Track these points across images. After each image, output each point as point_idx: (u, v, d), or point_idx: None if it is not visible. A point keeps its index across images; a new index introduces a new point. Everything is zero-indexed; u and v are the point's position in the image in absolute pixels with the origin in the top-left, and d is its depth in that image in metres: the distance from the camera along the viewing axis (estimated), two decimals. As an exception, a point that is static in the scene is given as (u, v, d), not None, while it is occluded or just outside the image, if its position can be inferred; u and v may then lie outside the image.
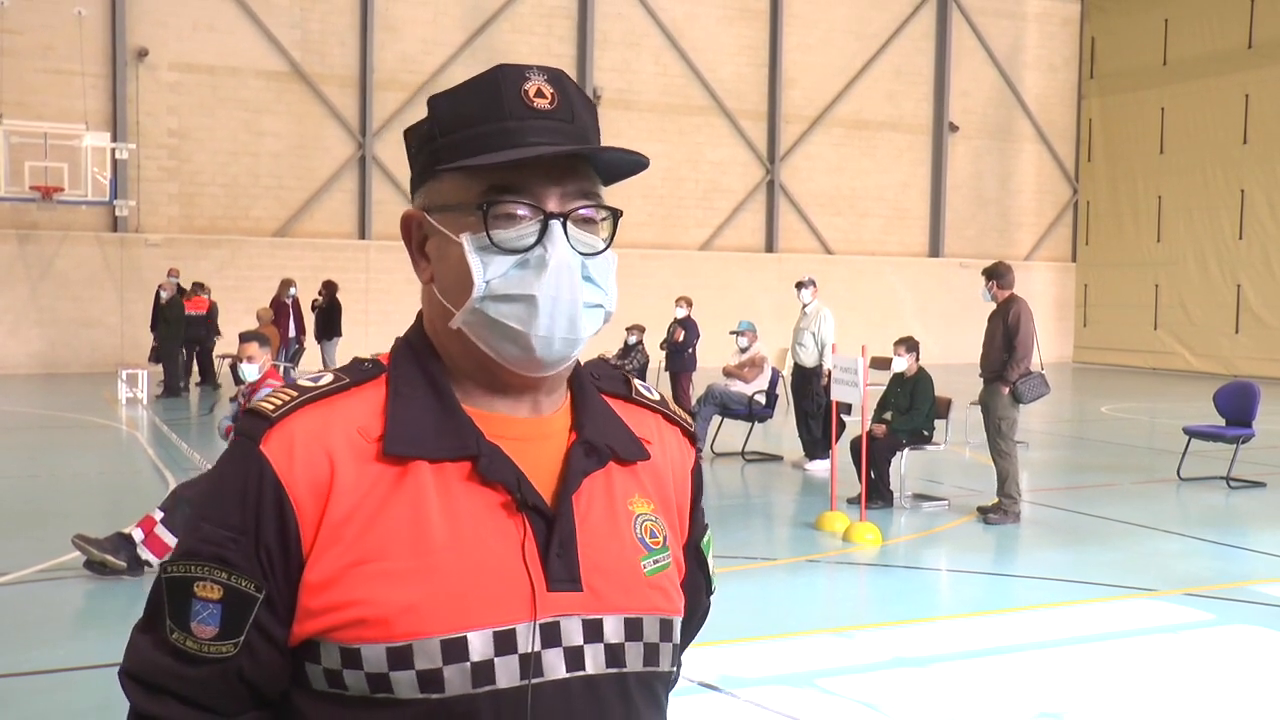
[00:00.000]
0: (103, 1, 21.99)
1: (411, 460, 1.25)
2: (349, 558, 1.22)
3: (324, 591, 1.22)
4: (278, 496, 1.23)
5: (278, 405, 1.28)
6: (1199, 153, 26.89)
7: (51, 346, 21.93)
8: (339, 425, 1.26)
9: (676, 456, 1.46)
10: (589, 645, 1.26)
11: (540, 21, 25.20)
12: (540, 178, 1.28)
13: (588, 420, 1.35)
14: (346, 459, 1.24)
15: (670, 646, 1.34)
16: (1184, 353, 27.40)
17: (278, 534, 1.23)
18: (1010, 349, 9.41)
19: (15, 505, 9.75)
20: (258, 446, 1.25)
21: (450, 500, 1.25)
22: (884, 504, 9.87)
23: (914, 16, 28.74)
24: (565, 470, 1.31)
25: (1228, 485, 11.23)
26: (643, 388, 1.49)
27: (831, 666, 5.91)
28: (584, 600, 1.26)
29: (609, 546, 1.31)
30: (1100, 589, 7.49)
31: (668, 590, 1.35)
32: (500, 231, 1.26)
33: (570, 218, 1.29)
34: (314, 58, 23.64)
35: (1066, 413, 18.83)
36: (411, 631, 1.20)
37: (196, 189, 22.95)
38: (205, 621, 1.23)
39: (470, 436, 1.27)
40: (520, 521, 1.26)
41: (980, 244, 29.75)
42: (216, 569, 1.23)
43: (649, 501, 1.38)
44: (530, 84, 1.29)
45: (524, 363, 1.29)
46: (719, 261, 26.70)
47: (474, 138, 1.27)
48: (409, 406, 1.28)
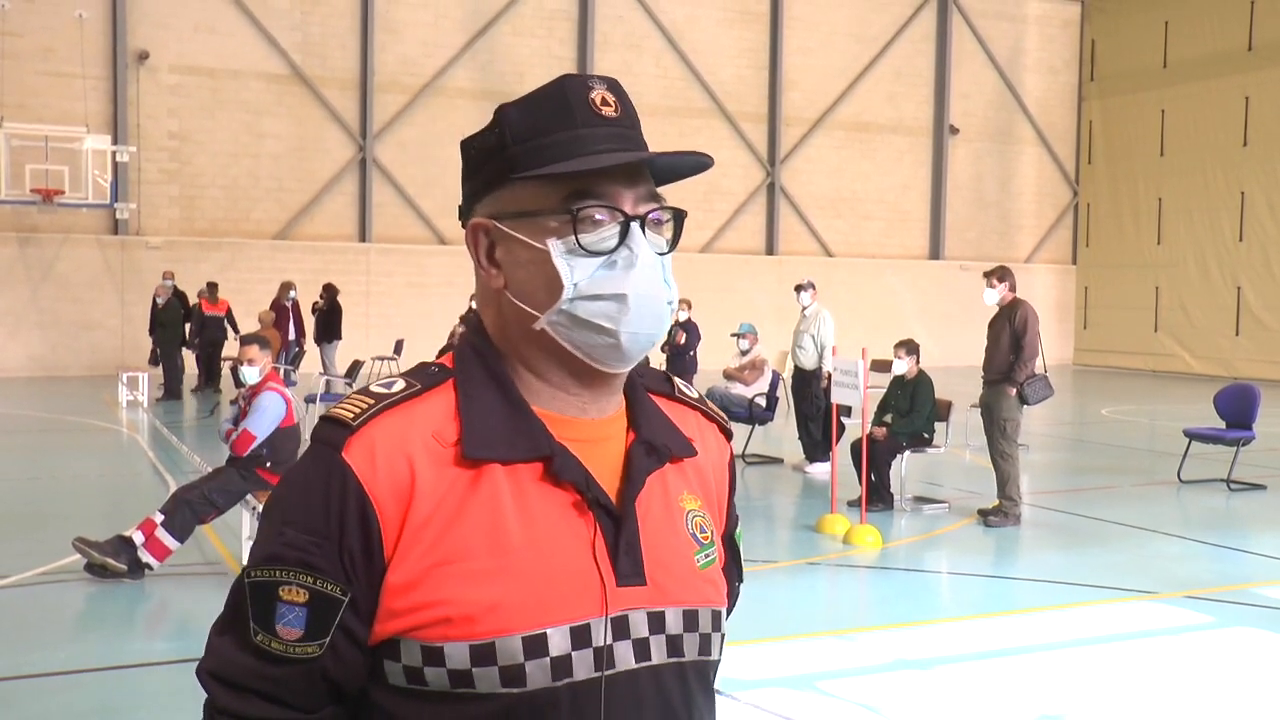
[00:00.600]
0: (103, 4, 22.01)
1: (487, 462, 1.30)
2: (431, 559, 1.26)
3: (407, 593, 1.26)
4: (361, 503, 1.27)
5: (358, 412, 1.31)
6: (1199, 155, 26.90)
7: (52, 349, 21.94)
8: (416, 431, 1.30)
9: (715, 453, 1.53)
10: (653, 637, 1.32)
11: (541, 24, 25.22)
12: (617, 183, 1.33)
13: (644, 421, 1.41)
14: (425, 463, 1.29)
15: (720, 636, 1.41)
16: (1184, 355, 27.40)
17: (361, 539, 1.27)
18: (1017, 351, 9.40)
19: (16, 508, 9.75)
20: (340, 454, 1.28)
21: (525, 501, 1.30)
22: (884, 506, 9.87)
23: (914, 19, 28.76)
24: (628, 469, 1.36)
25: (1228, 488, 11.23)
26: (684, 386, 1.54)
27: (832, 669, 5.91)
28: (648, 594, 1.32)
29: (668, 542, 1.37)
30: (1100, 591, 7.49)
31: (717, 583, 1.42)
32: (586, 235, 1.32)
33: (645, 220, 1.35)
34: (314, 60, 23.65)
35: (1067, 415, 18.83)
36: (495, 629, 1.25)
37: (197, 191, 22.96)
38: (291, 624, 1.28)
39: (542, 438, 1.32)
40: (590, 520, 1.31)
41: (981, 246, 29.76)
42: (302, 573, 1.27)
43: (697, 498, 1.44)
44: (595, 93, 1.36)
45: (610, 358, 1.34)
46: (719, 264, 26.71)
47: (551, 145, 1.32)
48: (481, 409, 1.33)
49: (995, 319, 9.67)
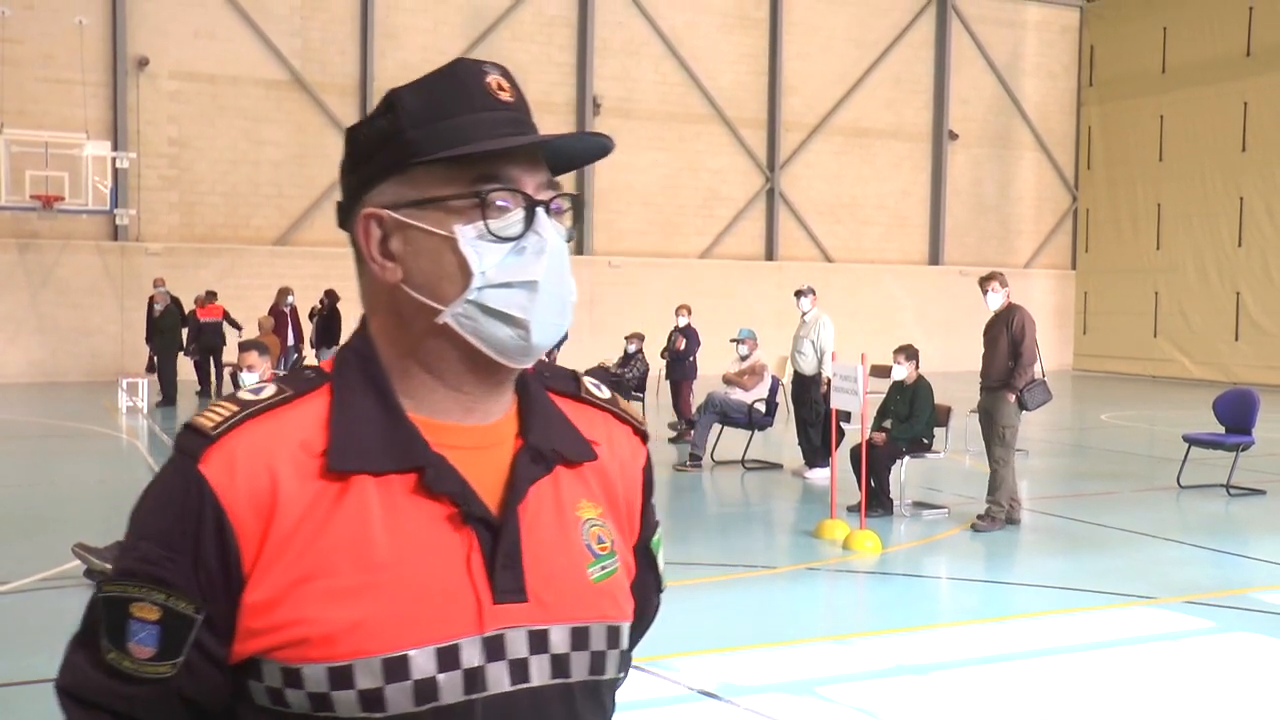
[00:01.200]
0: (103, 10, 22.04)
1: (355, 474, 1.22)
2: (292, 575, 1.19)
3: (267, 611, 1.19)
4: (218, 517, 1.19)
5: (218, 421, 1.23)
6: (1198, 160, 26.92)
7: (52, 355, 21.93)
8: (282, 440, 1.23)
9: (627, 456, 1.43)
10: (534, 657, 1.25)
11: (541, 30, 25.25)
12: (520, 168, 1.27)
13: (534, 424, 1.33)
14: (289, 475, 1.21)
15: (617, 653, 1.32)
16: (1183, 360, 27.41)
17: (218, 555, 1.20)
18: (1016, 357, 9.41)
19: (16, 514, 9.75)
20: (196, 465, 1.21)
21: (395, 514, 1.22)
22: (884, 512, 9.87)
23: (913, 25, 28.79)
24: (511, 478, 1.28)
25: (1227, 493, 11.23)
26: (592, 385, 1.46)
27: (831, 674, 5.91)
28: (530, 611, 1.24)
29: (556, 555, 1.28)
30: (1100, 597, 7.48)
31: (616, 597, 1.33)
32: (495, 220, 1.25)
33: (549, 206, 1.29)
34: (314, 66, 23.68)
35: (1066, 420, 18.83)
36: (354, 650, 1.17)
37: (197, 198, 22.97)
38: (143, 642, 1.21)
39: (417, 447, 1.24)
40: (466, 534, 1.23)
41: (980, 252, 29.77)
42: (154, 590, 1.21)
43: (596, 505, 1.35)
44: (491, 77, 1.29)
45: (517, 350, 1.27)
46: (719, 270, 26.72)
47: (454, 129, 1.26)
48: (353, 418, 1.25)
49: (991, 325, 9.68)
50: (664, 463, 13.08)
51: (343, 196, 1.34)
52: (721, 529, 9.70)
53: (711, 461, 12.69)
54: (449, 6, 24.53)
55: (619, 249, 26.00)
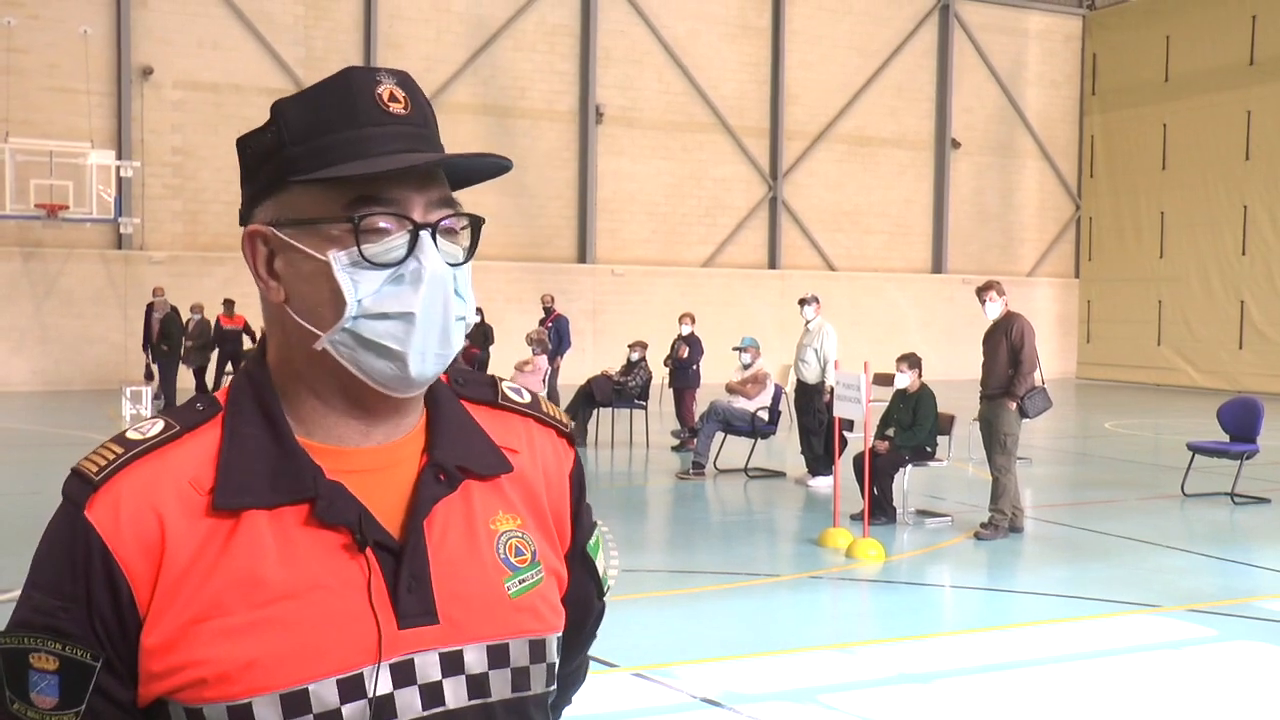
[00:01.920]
0: (108, 20, 22.10)
1: (245, 509, 1.19)
2: (185, 616, 1.17)
3: (164, 654, 1.17)
4: (106, 563, 1.17)
5: (102, 465, 1.21)
6: (1201, 168, 26.93)
7: (56, 364, 21.97)
8: (168, 480, 1.20)
9: (551, 461, 1.39)
10: (449, 679, 1.21)
11: (543, 39, 25.30)
12: (407, 188, 1.21)
13: (440, 440, 1.28)
14: (177, 516, 1.18)
15: (544, 667, 1.29)
16: (1187, 368, 27.38)
17: (110, 601, 1.17)
18: (1015, 365, 9.42)
19: (18, 522, 9.75)
20: (83, 512, 1.19)
21: (289, 547, 1.19)
22: (887, 520, 9.86)
23: (916, 33, 28.83)
24: (414, 499, 1.24)
25: (1232, 501, 11.22)
26: (510, 390, 1.41)
27: (834, 683, 5.90)
28: (441, 633, 1.21)
29: (467, 573, 1.24)
30: (1103, 605, 7.48)
31: (538, 609, 1.29)
32: (371, 246, 1.19)
33: (436, 228, 1.22)
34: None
35: (1070, 429, 18.82)
36: (250, 688, 1.15)
37: (200, 206, 23.01)
38: (44, 692, 1.18)
39: (307, 477, 1.21)
40: (365, 561, 1.20)
41: (983, 260, 29.77)
42: (50, 640, 1.18)
43: (515, 516, 1.31)
44: (383, 88, 1.22)
45: (396, 382, 1.22)
46: (722, 278, 26.73)
47: (332, 146, 1.20)
48: (242, 451, 1.21)
49: (990, 333, 9.68)
50: (667, 471, 13.07)
51: (241, 207, 1.31)
52: (724, 537, 9.69)
53: (714, 470, 12.68)
54: (451, 16, 24.58)
55: (622, 257, 26.01)
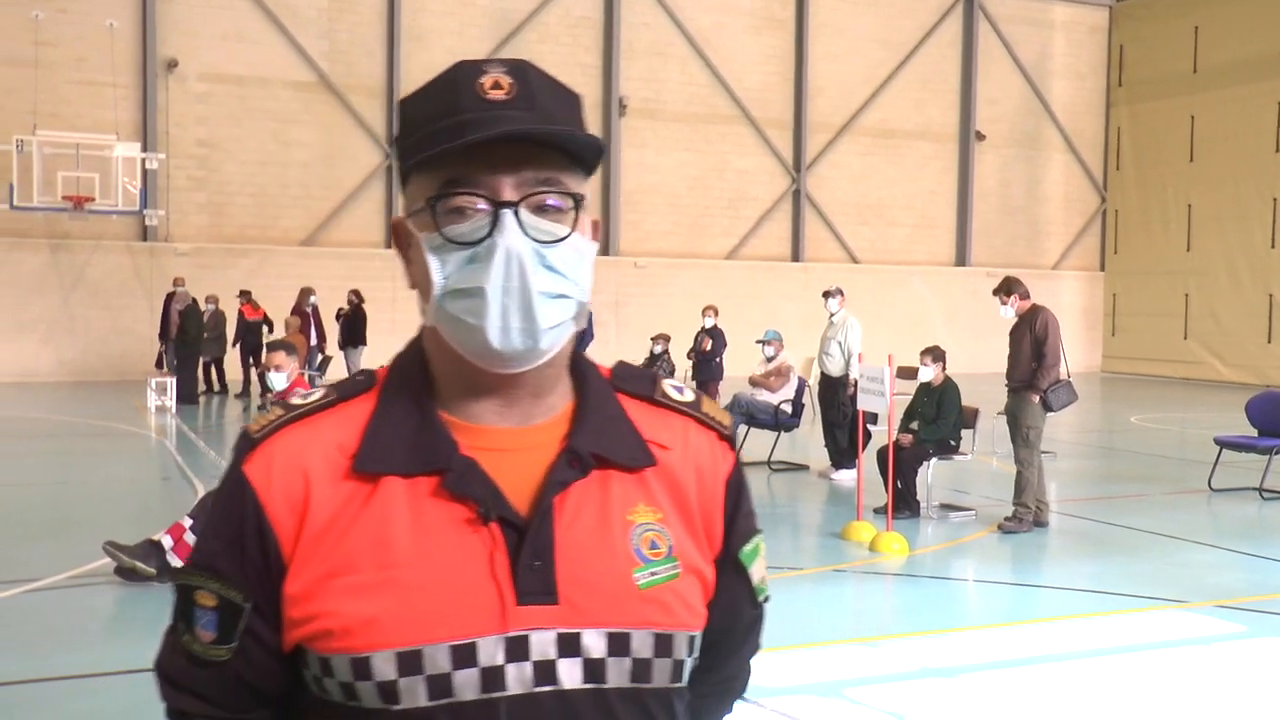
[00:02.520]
0: (134, 13, 22.21)
1: (384, 476, 1.26)
2: (321, 570, 1.25)
3: (302, 603, 1.26)
4: (257, 515, 1.27)
5: (263, 426, 1.32)
6: (1230, 161, 26.71)
7: (83, 355, 22.12)
8: (318, 443, 1.29)
9: (707, 462, 1.39)
10: (564, 660, 1.24)
11: (566, 31, 25.28)
12: (494, 168, 1.24)
13: (582, 428, 1.31)
14: (322, 476, 1.27)
15: (669, 662, 1.29)
16: (1215, 362, 27.19)
17: (259, 549, 1.27)
18: (1039, 357, 9.39)
19: (47, 512, 9.83)
20: (241, 467, 1.30)
21: (419, 514, 1.25)
22: (910, 514, 9.83)
23: (940, 25, 28.68)
24: (545, 481, 1.28)
25: (1260, 496, 11.13)
26: (671, 388, 1.42)
27: (859, 676, 5.89)
28: (560, 613, 1.24)
29: (595, 559, 1.27)
30: (1129, 600, 7.43)
31: (668, 604, 1.29)
32: (454, 227, 1.24)
33: (528, 205, 1.24)
34: (341, 68, 23.79)
35: (1095, 423, 18.71)
36: (371, 643, 1.22)
37: (225, 198, 23.12)
38: (205, 627, 1.31)
39: (443, 450, 1.27)
40: (490, 534, 1.24)
41: (1008, 253, 29.62)
42: (210, 579, 1.30)
43: (655, 510, 1.32)
44: (487, 77, 1.26)
45: (487, 357, 1.26)
46: (745, 271, 26.69)
47: (429, 135, 1.25)
48: (388, 421, 1.29)
49: (1016, 327, 9.69)
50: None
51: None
52: (747, 530, 9.66)
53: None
54: (475, 8, 24.60)
55: (645, 250, 26.00)
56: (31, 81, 21.35)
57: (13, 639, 6.24)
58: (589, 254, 1.30)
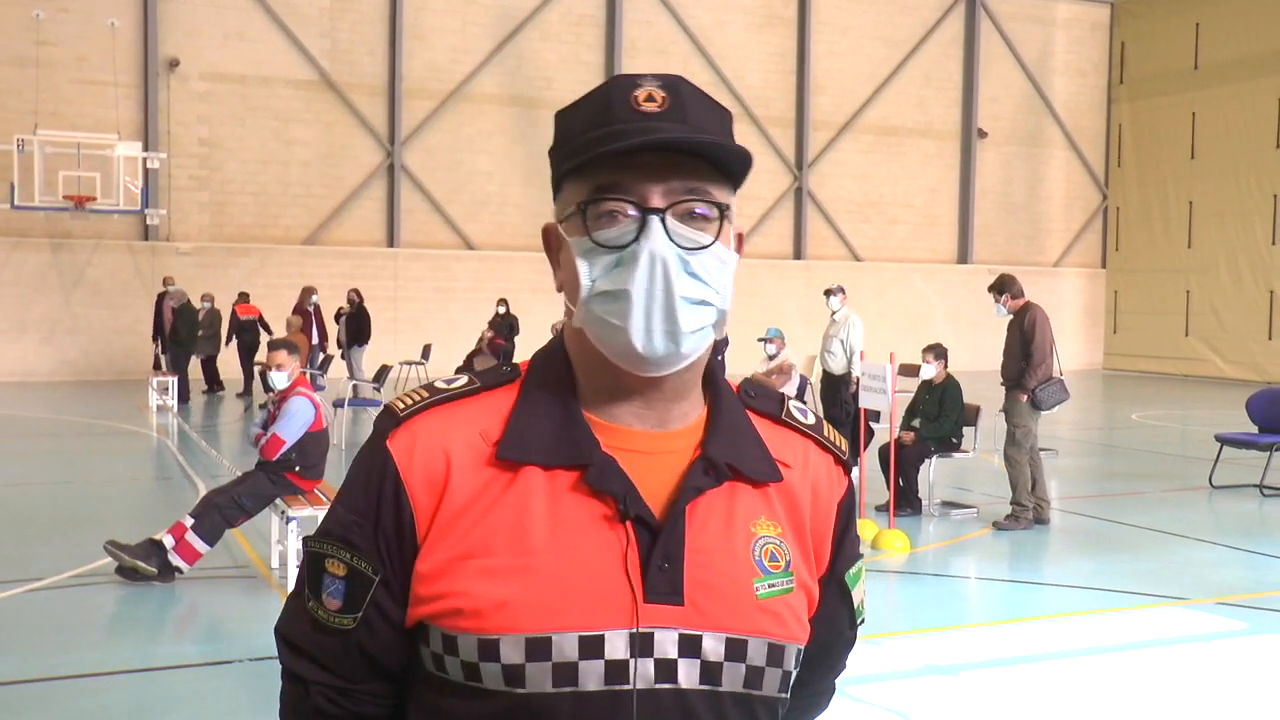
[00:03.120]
0: (135, 12, 22.22)
1: (525, 465, 1.30)
2: (456, 551, 1.29)
3: (433, 581, 1.29)
4: (396, 489, 1.31)
5: (408, 405, 1.36)
6: (1231, 158, 26.69)
7: (84, 354, 22.14)
8: (461, 427, 1.33)
9: (823, 484, 1.45)
10: (684, 659, 1.28)
11: (569, 29, 25.28)
12: (644, 177, 1.28)
13: (716, 437, 1.35)
14: (464, 459, 1.31)
15: (779, 673, 1.34)
16: (1216, 359, 27.18)
17: (395, 523, 1.32)
18: (1026, 356, 9.43)
19: (49, 511, 9.84)
20: (385, 442, 1.34)
21: (557, 506, 1.29)
22: (912, 511, 9.84)
23: (942, 22, 28.67)
24: (679, 486, 1.32)
25: (1261, 493, 11.13)
26: (796, 409, 1.48)
27: (861, 674, 5.89)
28: (684, 615, 1.28)
29: (720, 565, 1.31)
30: (1131, 597, 7.43)
31: (782, 615, 1.34)
32: (602, 231, 1.29)
33: (675, 213, 1.28)
34: (343, 67, 23.79)
35: (1096, 420, 18.71)
36: (502, 626, 1.25)
37: (226, 198, 23.13)
38: (333, 595, 1.35)
39: (586, 446, 1.31)
40: (625, 532, 1.28)
41: (1009, 250, 29.61)
42: (342, 549, 1.34)
43: (776, 525, 1.37)
44: (641, 90, 1.30)
45: (631, 359, 1.29)
46: (747, 268, 26.56)
47: (582, 144, 1.29)
48: (532, 413, 1.33)
49: (1010, 325, 9.74)
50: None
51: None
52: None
53: (739, 461, 12.65)
54: (477, 7, 24.60)
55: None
56: (33, 81, 21.36)
57: (15, 638, 6.25)
58: (731, 263, 1.35)
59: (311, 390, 7.76)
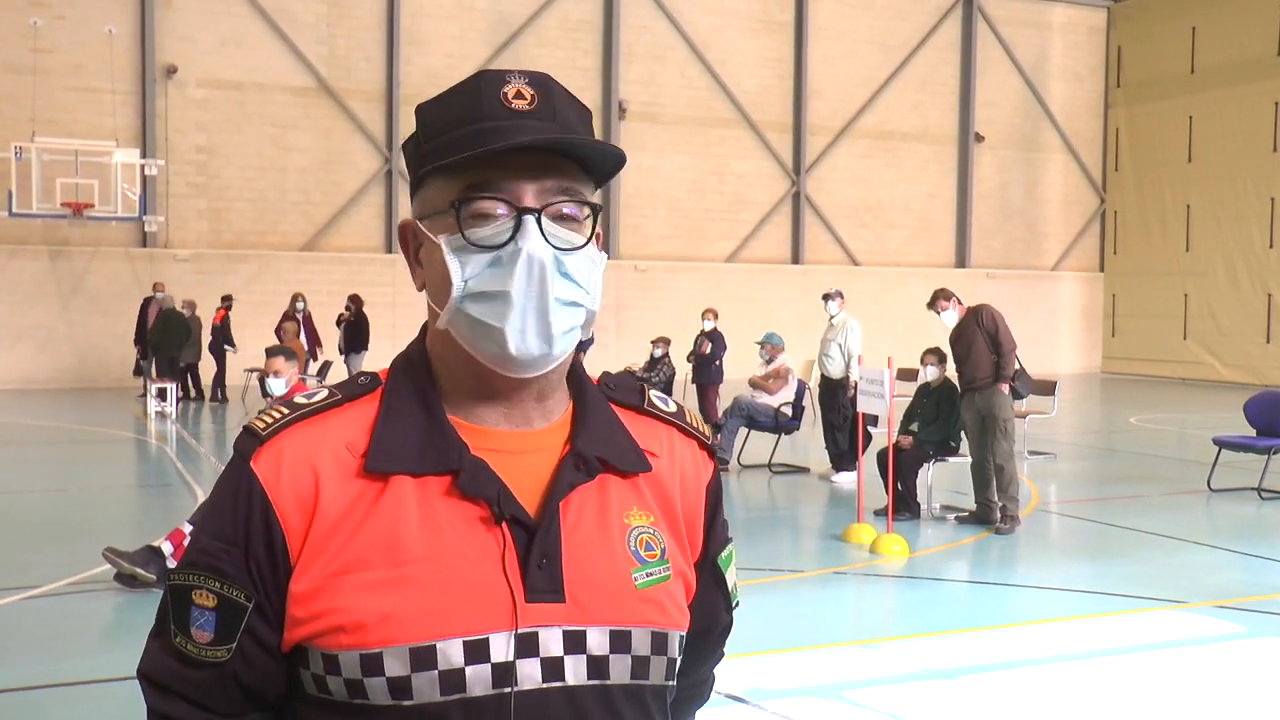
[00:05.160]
0: (132, 19, 22.23)
1: (394, 475, 1.28)
2: (331, 568, 1.26)
3: (309, 601, 1.26)
4: (265, 511, 1.27)
5: (268, 424, 1.32)
6: (1228, 161, 26.72)
7: (81, 362, 22.12)
8: (327, 442, 1.30)
9: (690, 470, 1.45)
10: (570, 656, 1.27)
11: (566, 35, 25.30)
12: (517, 175, 1.27)
13: (583, 432, 1.35)
14: (332, 474, 1.28)
15: (664, 660, 1.34)
16: (1213, 362, 27.19)
17: (265, 547, 1.27)
18: (996, 348, 9.50)
19: (46, 518, 9.83)
20: (249, 463, 1.29)
21: (430, 513, 1.27)
22: (911, 516, 9.84)
23: (939, 27, 28.70)
24: (552, 482, 1.31)
25: (1259, 496, 11.13)
26: (657, 399, 1.48)
27: (859, 678, 5.89)
28: (566, 611, 1.27)
29: (597, 558, 1.30)
30: (1129, 601, 7.44)
31: (663, 603, 1.34)
32: (476, 230, 1.27)
33: (548, 214, 1.28)
34: (340, 73, 23.80)
35: (1095, 423, 18.72)
36: (384, 639, 1.23)
37: (224, 204, 23.13)
38: (202, 627, 1.29)
39: (454, 451, 1.29)
40: (500, 534, 1.27)
41: (1007, 255, 29.63)
42: (211, 578, 1.29)
43: (648, 514, 1.37)
44: (510, 86, 1.29)
45: (503, 361, 1.29)
46: (745, 274, 26.70)
47: (452, 141, 1.28)
48: (397, 421, 1.31)
49: (962, 331, 9.78)
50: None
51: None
52: (748, 533, 9.68)
53: (738, 465, 12.67)
54: (474, 13, 24.62)
55: (645, 253, 26.00)
56: (30, 88, 21.36)
57: (13, 646, 6.25)
58: (600, 263, 1.34)
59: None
